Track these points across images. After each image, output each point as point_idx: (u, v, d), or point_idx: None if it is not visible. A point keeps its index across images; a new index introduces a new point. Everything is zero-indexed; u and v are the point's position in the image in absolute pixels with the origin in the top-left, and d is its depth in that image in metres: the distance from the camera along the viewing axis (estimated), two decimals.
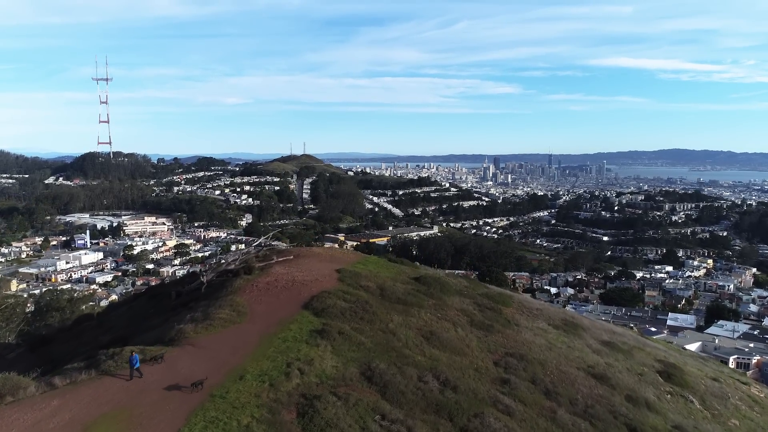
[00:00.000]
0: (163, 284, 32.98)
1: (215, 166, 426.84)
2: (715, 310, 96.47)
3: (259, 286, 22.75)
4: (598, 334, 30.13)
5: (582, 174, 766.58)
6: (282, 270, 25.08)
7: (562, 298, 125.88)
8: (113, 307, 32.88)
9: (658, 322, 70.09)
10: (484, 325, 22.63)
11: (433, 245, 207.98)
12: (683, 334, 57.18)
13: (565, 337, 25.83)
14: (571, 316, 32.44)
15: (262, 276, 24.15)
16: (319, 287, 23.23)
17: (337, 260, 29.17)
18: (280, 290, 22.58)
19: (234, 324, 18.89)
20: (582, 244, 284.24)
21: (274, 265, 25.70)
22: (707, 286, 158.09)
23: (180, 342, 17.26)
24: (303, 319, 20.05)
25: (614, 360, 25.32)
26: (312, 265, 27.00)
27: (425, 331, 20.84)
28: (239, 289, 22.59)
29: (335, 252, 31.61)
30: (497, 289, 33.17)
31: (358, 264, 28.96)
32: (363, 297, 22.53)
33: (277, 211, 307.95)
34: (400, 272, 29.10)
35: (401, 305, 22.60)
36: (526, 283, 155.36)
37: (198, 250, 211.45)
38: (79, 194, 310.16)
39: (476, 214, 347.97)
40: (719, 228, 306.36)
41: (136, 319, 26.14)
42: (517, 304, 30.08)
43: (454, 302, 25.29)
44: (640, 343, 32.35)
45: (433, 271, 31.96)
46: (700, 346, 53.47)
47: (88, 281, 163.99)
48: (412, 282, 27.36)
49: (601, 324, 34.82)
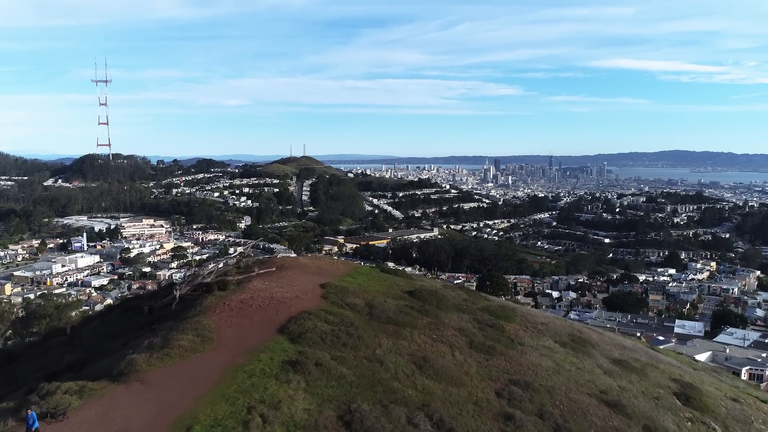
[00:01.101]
0: (138, 297, 30.65)
1: (215, 168, 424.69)
2: (722, 315, 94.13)
3: (231, 305, 20.04)
4: (608, 350, 27.84)
5: (582, 175, 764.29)
6: (260, 285, 22.51)
7: (565, 303, 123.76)
8: (88, 320, 30.63)
9: (666, 330, 67.83)
10: (485, 346, 20.28)
11: (433, 248, 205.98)
12: (692, 343, 54.97)
13: (573, 356, 23.55)
14: (579, 329, 30.11)
15: (237, 292, 21.59)
16: (300, 306, 20.57)
17: (324, 272, 26.61)
18: (254, 310, 19.96)
19: (195, 353, 16.41)
20: (583, 246, 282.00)
21: (253, 278, 23.22)
22: (711, 290, 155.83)
23: (128, 377, 14.80)
24: (276, 346, 17.51)
25: (628, 382, 23.04)
26: (295, 279, 24.41)
27: (418, 358, 18.46)
28: (209, 308, 20.00)
29: (322, 263, 29.01)
30: (499, 301, 30.89)
31: (347, 277, 26.43)
32: (348, 317, 20.00)
33: (276, 213, 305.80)
34: (392, 285, 26.57)
35: (392, 326, 20.05)
36: (528, 287, 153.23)
37: (196, 252, 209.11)
38: (77, 196, 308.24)
39: (477, 216, 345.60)
40: (721, 230, 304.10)
41: (105, 337, 23.91)
42: (521, 318, 27.79)
43: (451, 320, 22.86)
44: (652, 359, 30.04)
45: (430, 283, 29.51)
46: (710, 356, 51.27)
47: (84, 285, 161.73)
48: (406, 297, 24.85)
49: (610, 337, 32.51)
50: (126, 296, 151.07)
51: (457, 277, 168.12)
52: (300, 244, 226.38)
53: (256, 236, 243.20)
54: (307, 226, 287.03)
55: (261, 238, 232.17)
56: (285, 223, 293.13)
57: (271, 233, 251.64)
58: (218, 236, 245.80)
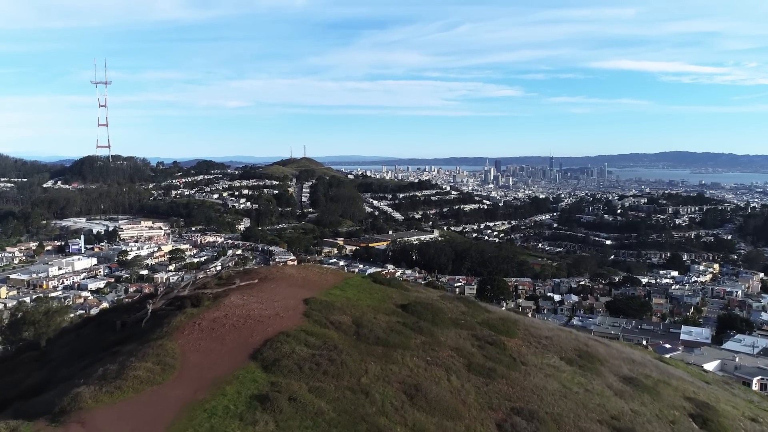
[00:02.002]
0: (114, 309, 28.83)
1: (215, 170, 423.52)
2: (727, 320, 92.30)
3: (202, 325, 17.85)
4: (617, 366, 25.99)
5: (583, 176, 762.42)
6: (238, 300, 20.47)
7: (567, 306, 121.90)
8: (62, 333, 28.80)
9: (672, 337, 65.97)
10: (485, 369, 18.38)
11: (433, 250, 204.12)
12: (700, 351, 53.16)
13: (581, 376, 21.71)
14: (585, 343, 28.25)
15: (211, 309, 19.51)
16: (278, 326, 18.44)
17: (311, 284, 24.57)
18: (227, 331, 17.86)
19: (152, 385, 14.43)
20: (584, 248, 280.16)
21: (232, 292, 21.27)
22: (715, 292, 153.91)
23: (69, 416, 12.81)
24: (246, 376, 15.40)
25: (640, 404, 21.21)
26: (277, 293, 22.35)
27: (409, 386, 16.50)
28: (177, 328, 17.93)
29: (310, 273, 26.94)
30: (500, 313, 29.01)
31: (335, 289, 24.35)
32: (332, 339, 17.97)
33: (275, 215, 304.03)
34: (384, 298, 24.49)
35: (381, 347, 18.03)
36: (529, 290, 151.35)
37: (194, 255, 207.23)
38: (76, 198, 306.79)
39: (477, 217, 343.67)
40: (723, 231, 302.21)
41: (76, 354, 22.10)
42: (523, 331, 25.93)
43: (448, 338, 20.92)
44: (663, 375, 28.19)
45: (426, 294, 27.52)
46: (719, 365, 49.44)
47: (80, 288, 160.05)
48: (399, 311, 22.81)
49: (618, 350, 30.65)
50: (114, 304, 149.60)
51: (458, 279, 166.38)
52: (299, 246, 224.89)
53: (255, 238, 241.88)
54: (306, 227, 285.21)
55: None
56: (284, 224, 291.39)
57: (271, 235, 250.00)
58: (217, 238, 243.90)
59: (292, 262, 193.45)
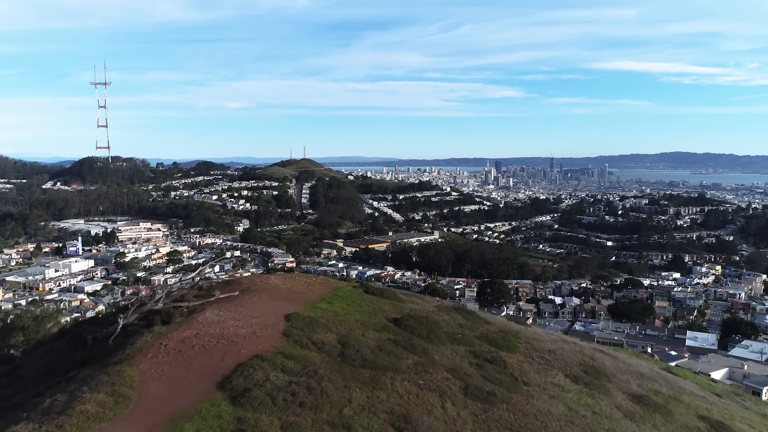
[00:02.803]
0: (90, 321, 27.23)
1: (215, 171, 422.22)
2: (732, 324, 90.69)
3: (169, 347, 16.45)
4: (625, 382, 24.39)
5: (584, 177, 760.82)
6: (213, 317, 18.68)
7: (568, 309, 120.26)
8: (37, 346, 27.23)
9: (677, 343, 64.31)
10: (483, 393, 16.73)
11: (433, 252, 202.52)
12: (707, 359, 51.53)
13: (588, 396, 20.10)
14: (590, 356, 26.64)
15: (182, 327, 17.72)
16: (253, 348, 16.60)
17: (296, 296, 22.85)
18: (196, 354, 16.34)
19: (100, 422, 12.67)
20: (586, 250, 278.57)
21: (209, 307, 19.55)
22: (717, 295, 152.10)
23: None
24: (211, 410, 13.83)
25: (652, 427, 19.62)
26: (258, 307, 20.60)
27: (398, 416, 14.83)
28: (141, 350, 16.25)
29: (297, 283, 25.16)
30: (500, 324, 27.37)
31: (322, 302, 22.59)
32: (313, 362, 16.21)
33: (275, 217, 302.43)
34: (375, 311, 22.76)
35: (368, 370, 16.31)
36: (530, 292, 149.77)
37: (192, 257, 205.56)
38: (75, 199, 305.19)
39: (478, 218, 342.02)
40: (725, 232, 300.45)
41: (44, 370, 20.55)
42: (525, 345, 24.32)
43: (444, 356, 19.25)
44: (674, 390, 26.59)
45: (421, 305, 25.79)
46: (727, 373, 47.80)
47: (77, 290, 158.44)
48: (390, 327, 21.11)
49: (625, 362, 29.02)
50: (119, 301, 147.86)
51: (458, 281, 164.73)
52: (298, 248, 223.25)
53: (254, 240, 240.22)
54: (306, 229, 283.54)
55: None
56: (284, 226, 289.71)
57: (270, 236, 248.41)
58: (216, 240, 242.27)
59: (290, 263, 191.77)
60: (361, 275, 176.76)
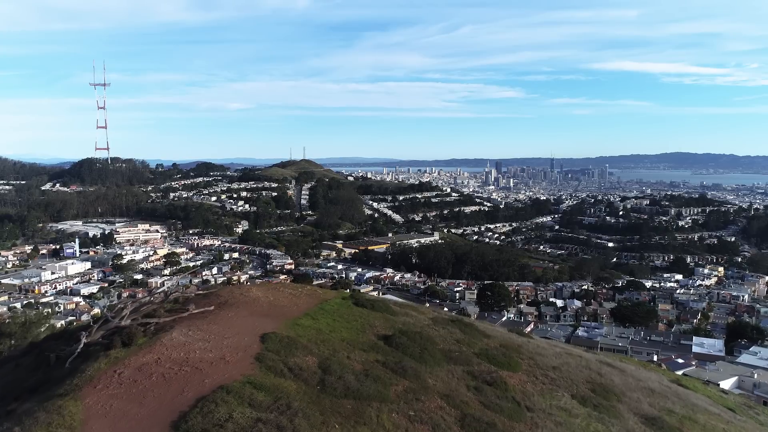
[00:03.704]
0: (60, 335, 25.57)
1: (214, 172, 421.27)
2: (737, 328, 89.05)
3: (123, 375, 14.41)
4: (636, 401, 22.80)
5: (584, 178, 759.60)
6: (180, 338, 16.63)
7: (570, 312, 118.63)
8: (4, 362, 25.50)
9: (683, 349, 62.68)
10: (482, 424, 14.95)
11: (433, 253, 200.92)
12: (715, 367, 49.98)
13: (597, 420, 18.51)
14: (598, 371, 25.07)
15: (143, 350, 15.57)
16: (220, 376, 14.34)
17: (278, 311, 20.87)
18: (153, 384, 13.83)
19: None
20: (587, 251, 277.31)
21: (178, 325, 17.63)
22: (720, 297, 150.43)
23: None
24: None
25: None
26: (233, 325, 18.57)
27: None
28: (91, 379, 13.89)
29: (280, 296, 23.14)
30: (500, 337, 25.74)
31: (305, 318, 20.60)
32: (287, 392, 14.05)
33: (274, 218, 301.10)
34: (364, 327, 20.87)
35: (351, 401, 14.24)
36: (531, 295, 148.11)
37: (190, 259, 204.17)
38: (73, 201, 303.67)
39: (478, 219, 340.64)
40: (727, 233, 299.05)
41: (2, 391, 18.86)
42: (528, 361, 22.71)
43: (438, 379, 17.47)
44: (687, 407, 25.01)
45: (416, 318, 24.04)
46: (736, 382, 46.25)
47: (73, 293, 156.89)
48: (380, 345, 19.19)
49: (633, 377, 27.45)
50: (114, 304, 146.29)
51: (458, 283, 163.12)
52: (297, 250, 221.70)
53: (252, 241, 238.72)
54: (305, 230, 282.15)
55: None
56: (283, 227, 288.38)
57: (269, 238, 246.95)
58: (214, 241, 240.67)
59: (289, 265, 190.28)
60: (361, 277, 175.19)
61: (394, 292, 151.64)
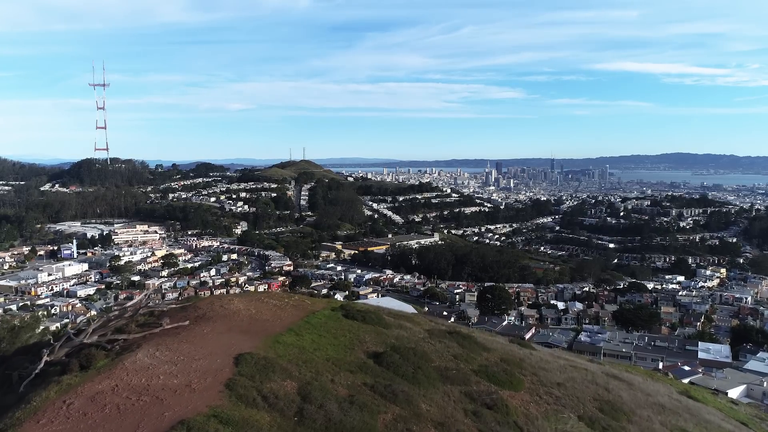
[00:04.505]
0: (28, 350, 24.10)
1: (214, 172, 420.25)
2: (742, 332, 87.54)
3: (73, 407, 12.46)
4: (647, 420, 21.37)
5: (585, 178, 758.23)
6: (145, 359, 14.90)
7: (571, 315, 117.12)
8: None
9: (688, 355, 61.12)
10: None
11: (433, 254, 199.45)
12: (722, 374, 48.48)
13: None
14: (605, 386, 23.60)
15: (101, 376, 13.68)
16: (183, 408, 12.91)
17: (259, 326, 19.06)
18: (105, 418, 12.33)
19: None
20: (587, 252, 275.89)
21: (146, 343, 16.02)
22: (723, 299, 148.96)
23: None
24: None
25: None
26: (206, 343, 16.66)
27: None
28: (35, 411, 12.01)
29: (264, 307, 21.31)
30: (501, 351, 24.22)
31: (289, 333, 18.67)
32: (258, 427, 12.35)
33: (273, 219, 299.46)
34: (353, 343, 19.07)
35: None
36: (532, 297, 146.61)
37: (188, 260, 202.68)
38: (71, 202, 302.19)
39: (478, 220, 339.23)
40: (728, 234, 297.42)
41: None
42: (531, 377, 21.22)
43: (432, 404, 15.86)
44: (700, 426, 23.64)
45: (410, 332, 22.36)
46: (744, 391, 44.76)
47: (69, 295, 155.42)
48: (369, 365, 17.35)
49: (642, 391, 26.00)
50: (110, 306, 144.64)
51: (458, 285, 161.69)
52: (296, 251, 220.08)
53: (251, 242, 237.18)
54: (304, 231, 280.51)
55: (256, 245, 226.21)
56: (282, 228, 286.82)
57: (268, 239, 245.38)
58: (212, 243, 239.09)
59: (288, 267, 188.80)
60: (360, 279, 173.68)
61: (394, 294, 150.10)
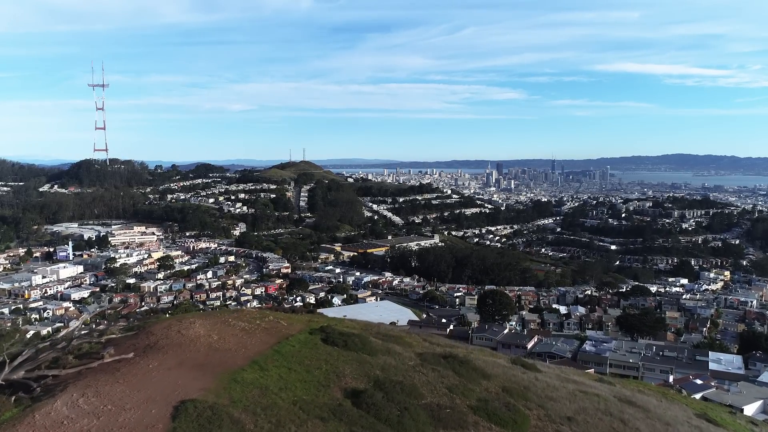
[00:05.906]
0: None
1: (213, 173, 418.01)
2: (750, 338, 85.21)
3: None
4: None
5: (585, 179, 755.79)
6: (62, 410, 11.47)
7: (574, 320, 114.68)
8: None
9: (699, 366, 58.40)
10: None
11: (432, 256, 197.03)
12: (737, 388, 46.10)
13: None
14: (620, 417, 21.29)
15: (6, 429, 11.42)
16: None
17: (218, 358, 15.73)
18: None
19: None
20: (589, 253, 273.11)
21: (71, 386, 13.26)
22: (728, 302, 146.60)
23: None
24: None
25: None
26: (146, 384, 13.32)
27: None
28: None
29: (229, 332, 17.70)
30: (503, 376, 21.68)
31: (253, 367, 15.39)
32: None
33: (272, 220, 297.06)
34: (329, 377, 15.85)
35: None
36: (533, 300, 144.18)
37: (184, 262, 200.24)
38: (69, 203, 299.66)
39: (479, 221, 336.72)
40: (731, 236, 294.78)
41: None
42: (537, 410, 18.77)
43: None
44: None
45: (399, 359, 19.61)
46: (761, 407, 42.35)
47: (63, 298, 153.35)
48: (345, 408, 14.10)
49: (660, 419, 23.61)
50: (105, 309, 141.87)
51: (458, 288, 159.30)
52: (295, 253, 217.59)
53: (249, 244, 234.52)
54: (303, 233, 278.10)
55: (254, 246, 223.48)
56: (281, 229, 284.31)
57: (266, 240, 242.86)
58: (210, 244, 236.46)
59: (286, 269, 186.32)
60: (359, 281, 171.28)
61: (393, 297, 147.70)
